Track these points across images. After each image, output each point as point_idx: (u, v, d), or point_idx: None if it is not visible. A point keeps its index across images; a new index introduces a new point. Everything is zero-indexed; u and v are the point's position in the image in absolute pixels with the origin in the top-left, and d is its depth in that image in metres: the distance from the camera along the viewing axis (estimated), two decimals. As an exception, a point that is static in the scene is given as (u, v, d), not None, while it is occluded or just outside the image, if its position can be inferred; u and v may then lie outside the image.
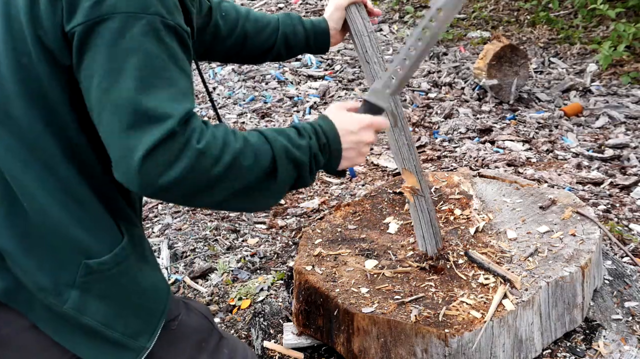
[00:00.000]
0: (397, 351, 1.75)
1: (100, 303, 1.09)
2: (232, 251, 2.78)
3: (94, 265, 1.07)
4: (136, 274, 1.14)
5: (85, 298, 1.07)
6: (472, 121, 4.21)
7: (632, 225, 2.84)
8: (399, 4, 6.79)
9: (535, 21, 6.07)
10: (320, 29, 1.69)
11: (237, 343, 1.34)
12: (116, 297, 1.11)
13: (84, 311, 1.07)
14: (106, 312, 1.09)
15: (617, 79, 4.83)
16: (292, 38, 1.66)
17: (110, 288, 1.10)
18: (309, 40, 1.68)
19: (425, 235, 1.96)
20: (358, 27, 1.78)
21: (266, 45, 1.63)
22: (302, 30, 1.66)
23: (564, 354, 1.91)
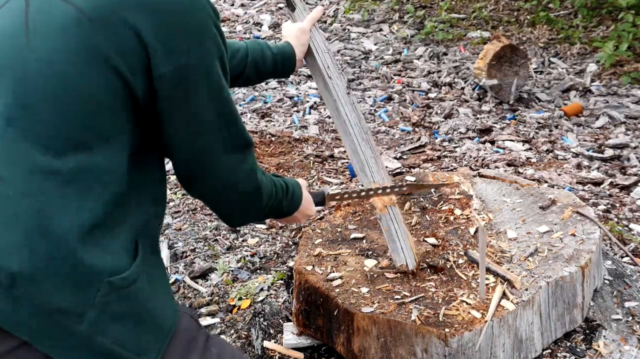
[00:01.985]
0: (397, 351, 1.75)
1: (117, 322, 1.08)
2: (232, 251, 2.78)
3: (117, 282, 1.06)
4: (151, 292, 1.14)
5: (103, 318, 1.06)
6: (472, 121, 4.21)
7: (632, 225, 2.84)
8: (399, 4, 6.79)
9: (535, 21, 6.07)
10: (286, 53, 1.76)
11: (223, 343, 1.34)
12: (130, 315, 1.10)
13: (100, 331, 1.05)
14: (121, 330, 1.08)
15: (617, 79, 4.83)
16: (261, 64, 1.72)
17: (127, 306, 1.09)
18: (276, 65, 1.75)
19: (404, 246, 1.87)
20: (318, 43, 1.84)
21: (236, 72, 1.68)
22: (270, 55, 1.73)
23: (564, 354, 1.91)
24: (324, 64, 1.83)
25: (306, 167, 3.64)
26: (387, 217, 1.86)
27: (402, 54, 5.60)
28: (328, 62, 1.84)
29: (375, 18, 6.62)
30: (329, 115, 4.48)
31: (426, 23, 6.20)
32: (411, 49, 5.74)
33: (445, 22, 6.17)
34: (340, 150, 3.86)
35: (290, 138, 4.04)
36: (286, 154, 3.82)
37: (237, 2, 7.18)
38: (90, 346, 1.06)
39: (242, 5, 7.12)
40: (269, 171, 3.53)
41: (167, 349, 1.20)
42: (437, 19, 6.25)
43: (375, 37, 6.04)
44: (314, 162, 3.70)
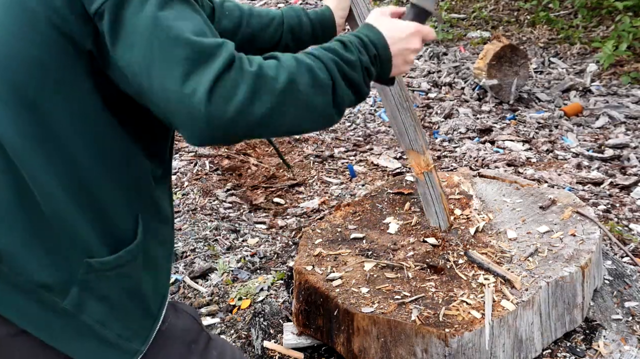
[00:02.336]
0: (397, 351, 1.75)
1: (99, 302, 1.08)
2: (232, 251, 2.78)
3: (95, 264, 1.07)
4: (139, 278, 1.13)
5: (85, 296, 1.06)
6: (472, 121, 4.21)
7: (632, 225, 2.84)
8: (399, 4, 6.79)
9: (535, 21, 6.07)
10: (325, 18, 1.67)
11: (225, 344, 1.34)
12: (115, 298, 1.10)
13: (83, 309, 1.06)
14: (104, 311, 1.09)
15: (617, 79, 4.83)
16: (297, 30, 1.62)
17: (110, 288, 1.09)
18: (315, 31, 1.65)
19: (437, 210, 2.04)
20: (361, 9, 1.76)
21: (274, 40, 1.61)
22: (307, 21, 1.63)
23: (564, 354, 1.91)
24: None
25: (306, 167, 3.64)
26: (422, 183, 1.99)
27: (402, 54, 5.59)
28: None
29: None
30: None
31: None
32: (411, 49, 5.73)
33: (445, 22, 6.17)
34: (340, 150, 3.86)
35: (290, 138, 4.04)
36: (286, 154, 3.82)
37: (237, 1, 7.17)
38: (74, 324, 1.06)
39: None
40: (269, 171, 3.53)
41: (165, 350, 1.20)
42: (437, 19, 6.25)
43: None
44: (314, 162, 3.70)
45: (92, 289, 1.07)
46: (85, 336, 1.08)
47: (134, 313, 1.14)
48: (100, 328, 1.08)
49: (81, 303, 1.06)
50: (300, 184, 3.41)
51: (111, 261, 1.08)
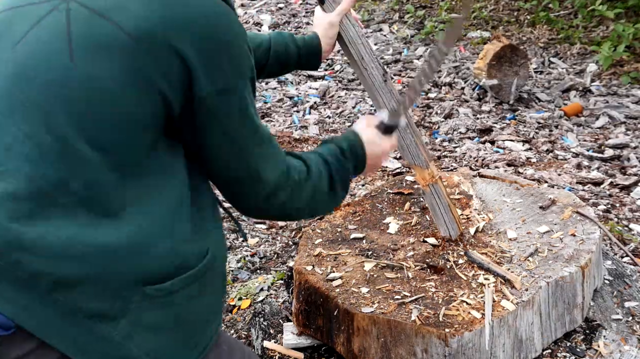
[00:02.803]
0: (397, 351, 1.75)
1: (149, 333, 1.06)
2: (232, 251, 2.78)
3: (149, 292, 1.05)
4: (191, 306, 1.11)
5: (136, 326, 1.04)
6: (472, 121, 4.21)
7: (632, 225, 2.84)
8: (399, 4, 6.79)
9: (535, 21, 6.07)
10: (312, 46, 1.74)
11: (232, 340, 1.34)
12: (165, 327, 1.08)
13: (132, 340, 1.04)
14: (153, 342, 1.06)
15: (617, 79, 4.83)
16: (284, 57, 1.70)
17: (161, 317, 1.07)
18: (300, 58, 1.73)
19: (447, 219, 2.03)
20: (351, 35, 1.82)
21: (259, 65, 1.66)
22: (294, 48, 1.71)
23: (564, 354, 1.91)
24: (357, 56, 1.83)
25: (306, 167, 3.64)
26: (429, 195, 2.00)
27: (402, 54, 5.60)
28: (362, 54, 1.83)
29: (375, 18, 6.62)
30: (329, 115, 4.48)
31: (426, 23, 6.20)
32: (411, 49, 5.74)
33: (445, 22, 6.17)
34: (340, 150, 3.86)
35: (290, 138, 4.04)
36: (286, 154, 3.82)
37: (237, 2, 7.17)
38: (121, 355, 1.04)
39: (242, 5, 7.12)
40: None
41: None
42: (437, 19, 6.25)
43: (375, 37, 6.03)
44: (314, 162, 3.70)
45: (144, 320, 1.05)
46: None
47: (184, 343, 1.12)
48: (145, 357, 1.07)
49: (132, 333, 1.04)
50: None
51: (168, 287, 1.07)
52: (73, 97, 1.00)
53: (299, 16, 6.63)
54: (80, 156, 1.00)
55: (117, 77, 1.00)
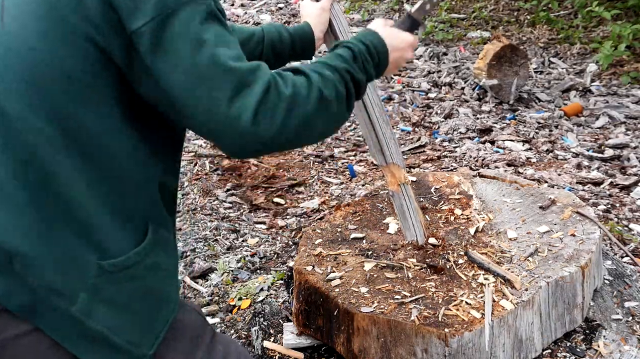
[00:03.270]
0: (397, 351, 1.75)
1: (108, 308, 1.08)
2: (232, 251, 2.78)
3: (106, 267, 1.07)
4: (147, 281, 1.13)
5: (94, 302, 1.06)
6: (472, 121, 4.21)
7: (632, 225, 2.84)
8: (399, 4, 6.79)
9: (535, 21, 6.07)
10: (304, 33, 1.71)
11: (229, 341, 1.34)
12: (124, 303, 1.10)
13: (91, 315, 1.06)
14: (112, 317, 1.08)
15: (617, 79, 4.83)
16: (278, 45, 1.67)
17: (118, 292, 1.09)
18: (295, 46, 1.70)
19: (415, 222, 1.98)
20: (343, 27, 1.79)
21: (254, 56, 1.64)
22: (287, 36, 1.68)
23: (564, 354, 1.91)
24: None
25: (306, 167, 3.64)
26: (399, 196, 1.93)
27: (402, 54, 5.59)
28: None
29: (375, 18, 6.63)
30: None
31: (426, 23, 6.20)
32: (411, 49, 5.73)
33: (445, 22, 6.17)
34: (340, 150, 3.87)
35: (290, 138, 4.04)
36: (286, 154, 3.82)
37: (237, 2, 7.18)
38: (83, 330, 1.06)
39: (242, 5, 7.12)
40: (269, 171, 3.53)
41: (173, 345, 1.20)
42: (437, 19, 6.25)
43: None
44: (314, 162, 3.70)
45: (101, 295, 1.07)
46: (94, 341, 1.08)
47: (143, 319, 1.13)
48: (109, 333, 1.08)
49: (90, 309, 1.06)
50: (300, 184, 3.41)
51: (121, 261, 1.08)
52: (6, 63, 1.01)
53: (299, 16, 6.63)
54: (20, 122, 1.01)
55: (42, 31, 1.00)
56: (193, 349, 1.23)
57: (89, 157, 1.05)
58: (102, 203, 1.06)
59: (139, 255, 1.11)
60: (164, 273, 1.19)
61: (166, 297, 1.19)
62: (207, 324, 1.31)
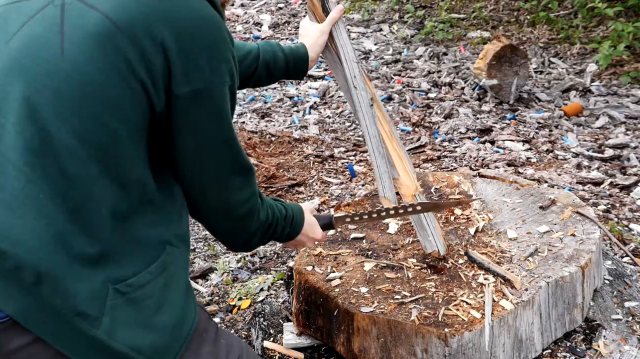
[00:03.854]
0: (397, 351, 1.75)
1: (128, 328, 1.08)
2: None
3: (120, 289, 1.07)
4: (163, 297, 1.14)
5: (116, 323, 1.06)
6: (472, 121, 4.21)
7: (632, 225, 2.84)
8: (399, 4, 6.79)
9: (535, 21, 6.08)
10: (299, 55, 1.75)
11: (231, 336, 1.35)
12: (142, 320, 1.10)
13: (114, 336, 1.06)
14: (134, 336, 1.08)
15: (617, 79, 4.83)
16: (272, 65, 1.71)
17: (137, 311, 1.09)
18: (288, 67, 1.74)
19: (434, 232, 1.93)
20: (348, 53, 1.82)
21: (247, 73, 1.68)
22: (282, 57, 1.72)
23: (564, 354, 1.92)
24: (351, 73, 1.83)
25: (306, 167, 3.64)
26: None
27: (402, 54, 5.60)
28: (355, 72, 1.83)
29: (375, 18, 6.62)
30: (329, 115, 4.48)
31: (426, 23, 6.20)
32: (411, 49, 5.74)
33: (445, 22, 6.17)
34: (340, 150, 3.87)
35: (290, 138, 4.04)
36: (286, 154, 3.82)
37: (237, 2, 7.18)
38: (106, 351, 1.06)
39: (242, 5, 7.12)
40: (269, 171, 3.53)
41: None
42: (437, 19, 6.25)
43: (375, 37, 6.04)
44: (314, 162, 3.70)
45: (122, 316, 1.07)
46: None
47: (164, 335, 1.13)
48: (131, 352, 1.08)
49: (112, 330, 1.06)
50: (300, 184, 3.41)
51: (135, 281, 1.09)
52: (61, 88, 1.01)
53: (299, 16, 6.63)
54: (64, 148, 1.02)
55: (102, 67, 1.01)
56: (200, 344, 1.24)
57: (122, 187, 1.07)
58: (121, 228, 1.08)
59: (152, 274, 1.11)
60: (180, 286, 1.19)
61: (185, 310, 1.20)
62: (210, 320, 1.32)
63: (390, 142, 1.87)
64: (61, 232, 1.03)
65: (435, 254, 1.93)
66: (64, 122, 1.01)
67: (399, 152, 1.89)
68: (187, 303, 1.22)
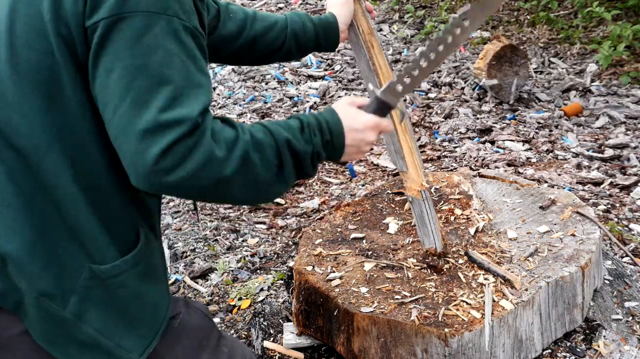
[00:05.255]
0: (397, 351, 1.75)
1: (99, 312, 1.08)
2: (232, 251, 2.78)
3: (97, 271, 1.07)
4: (137, 288, 1.14)
5: (85, 305, 1.07)
6: (472, 121, 4.21)
7: (632, 225, 2.84)
8: (399, 4, 6.79)
9: (535, 21, 6.07)
10: (329, 25, 1.65)
11: (235, 342, 1.34)
12: (114, 307, 1.10)
13: (83, 318, 1.06)
14: (104, 320, 1.09)
15: (617, 79, 4.83)
16: (301, 35, 1.61)
17: (109, 297, 1.10)
18: (318, 37, 1.63)
19: (434, 229, 1.94)
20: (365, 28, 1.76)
21: (276, 45, 1.60)
22: (311, 27, 1.62)
23: (564, 354, 1.92)
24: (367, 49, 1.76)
25: (306, 167, 3.64)
26: (419, 202, 1.88)
27: (402, 54, 5.60)
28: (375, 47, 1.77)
29: (375, 18, 6.62)
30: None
31: (426, 23, 6.20)
32: (411, 49, 5.74)
33: (445, 22, 6.17)
34: (340, 150, 3.86)
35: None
36: (286, 154, 3.82)
37: (237, 2, 7.17)
38: (73, 333, 1.07)
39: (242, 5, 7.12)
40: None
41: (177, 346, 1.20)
42: (437, 19, 6.25)
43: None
44: (314, 162, 3.70)
45: (93, 298, 1.07)
46: (84, 344, 1.08)
47: (134, 323, 1.14)
48: (99, 337, 1.08)
49: (81, 311, 1.06)
50: (300, 184, 3.41)
51: (111, 269, 1.09)
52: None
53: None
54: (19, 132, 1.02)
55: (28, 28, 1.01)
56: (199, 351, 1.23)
57: (80, 164, 1.04)
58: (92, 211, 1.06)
59: (127, 263, 1.11)
60: (153, 279, 1.19)
61: (158, 303, 1.19)
62: (213, 326, 1.31)
63: (403, 134, 1.86)
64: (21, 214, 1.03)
65: (432, 250, 1.95)
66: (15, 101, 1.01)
67: (410, 144, 1.88)
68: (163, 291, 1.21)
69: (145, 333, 1.15)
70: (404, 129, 1.87)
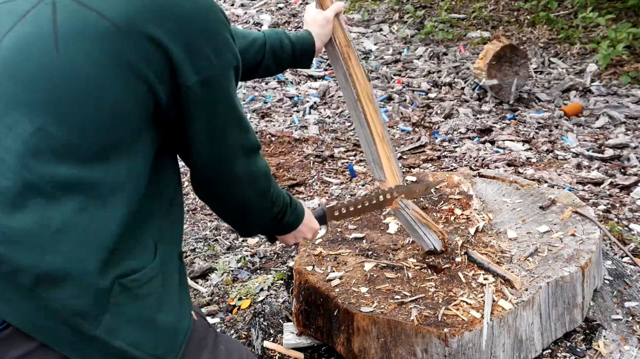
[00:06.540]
0: (397, 351, 1.75)
1: (131, 325, 1.07)
2: (232, 251, 2.78)
3: (126, 283, 1.06)
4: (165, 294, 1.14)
5: (117, 320, 1.06)
6: (472, 121, 4.21)
7: (632, 225, 2.84)
8: (399, 4, 6.79)
9: (535, 21, 6.08)
10: (306, 43, 1.72)
11: (231, 340, 1.35)
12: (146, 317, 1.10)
13: (116, 334, 1.05)
14: (136, 333, 1.08)
15: (617, 79, 4.83)
16: (279, 52, 1.69)
17: (140, 308, 1.09)
18: (295, 54, 1.71)
19: (425, 231, 1.95)
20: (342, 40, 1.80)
21: (256, 61, 1.66)
22: (288, 43, 1.70)
23: (564, 354, 1.92)
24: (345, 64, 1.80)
25: (306, 167, 3.64)
26: (401, 212, 1.89)
27: (402, 54, 5.60)
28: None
29: (375, 18, 6.62)
30: (329, 115, 4.48)
31: (426, 23, 6.20)
32: (411, 49, 5.74)
33: (445, 22, 6.17)
34: (340, 150, 3.86)
35: (290, 138, 4.04)
36: (286, 154, 3.82)
37: (237, 2, 7.17)
38: (108, 349, 1.06)
39: (242, 5, 7.11)
40: (269, 171, 3.53)
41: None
42: (437, 19, 6.25)
43: (375, 37, 6.04)
44: (314, 162, 3.70)
45: (124, 313, 1.06)
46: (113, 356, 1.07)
47: (165, 331, 1.13)
48: (133, 350, 1.07)
49: (114, 328, 1.05)
50: (300, 184, 3.41)
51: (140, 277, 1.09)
52: (57, 84, 1.01)
53: (299, 16, 6.63)
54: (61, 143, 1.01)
55: (98, 63, 1.00)
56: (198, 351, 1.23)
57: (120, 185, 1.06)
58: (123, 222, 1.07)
59: (154, 269, 1.12)
60: (178, 284, 1.20)
61: (184, 307, 1.20)
62: (209, 325, 1.32)
63: (381, 144, 1.86)
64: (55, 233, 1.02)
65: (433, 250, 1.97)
66: (61, 121, 1.01)
67: (388, 154, 1.88)
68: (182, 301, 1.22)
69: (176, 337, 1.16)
70: (381, 139, 1.86)
